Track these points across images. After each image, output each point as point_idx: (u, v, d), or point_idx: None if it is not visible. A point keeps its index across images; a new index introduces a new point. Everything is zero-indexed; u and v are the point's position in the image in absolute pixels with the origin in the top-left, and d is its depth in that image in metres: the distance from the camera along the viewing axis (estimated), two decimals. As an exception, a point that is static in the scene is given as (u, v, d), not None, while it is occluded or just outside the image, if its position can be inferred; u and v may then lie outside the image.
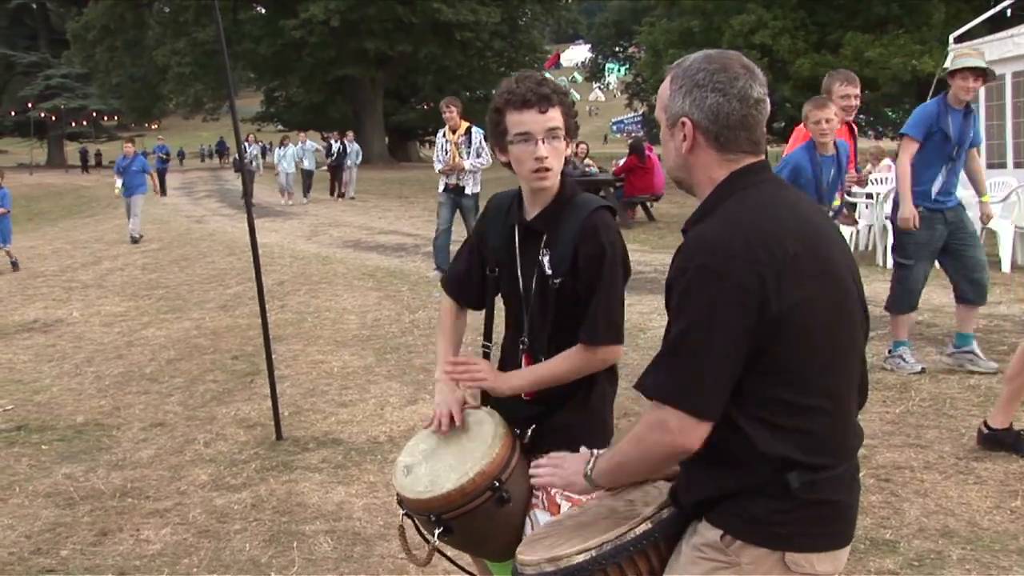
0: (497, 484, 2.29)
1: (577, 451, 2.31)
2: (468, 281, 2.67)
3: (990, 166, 13.57)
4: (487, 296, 2.66)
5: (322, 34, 39.97)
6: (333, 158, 25.38)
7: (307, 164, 24.83)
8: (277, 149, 24.83)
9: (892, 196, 6.67)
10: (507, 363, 2.61)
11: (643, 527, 1.86)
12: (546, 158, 2.37)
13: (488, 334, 2.72)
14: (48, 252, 16.06)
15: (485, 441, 2.37)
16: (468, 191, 10.56)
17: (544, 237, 2.45)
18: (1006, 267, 10.16)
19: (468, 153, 10.41)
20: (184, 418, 6.02)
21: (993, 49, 13.49)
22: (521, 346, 2.52)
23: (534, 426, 2.47)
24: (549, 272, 2.43)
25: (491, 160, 10.06)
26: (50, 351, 8.06)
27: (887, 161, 16.18)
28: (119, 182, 16.84)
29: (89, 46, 46.47)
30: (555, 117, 2.38)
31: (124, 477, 4.97)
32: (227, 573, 3.84)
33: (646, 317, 7.99)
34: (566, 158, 2.49)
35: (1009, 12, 15.86)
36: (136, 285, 11.60)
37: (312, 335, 8.19)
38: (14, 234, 14.36)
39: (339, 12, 38.68)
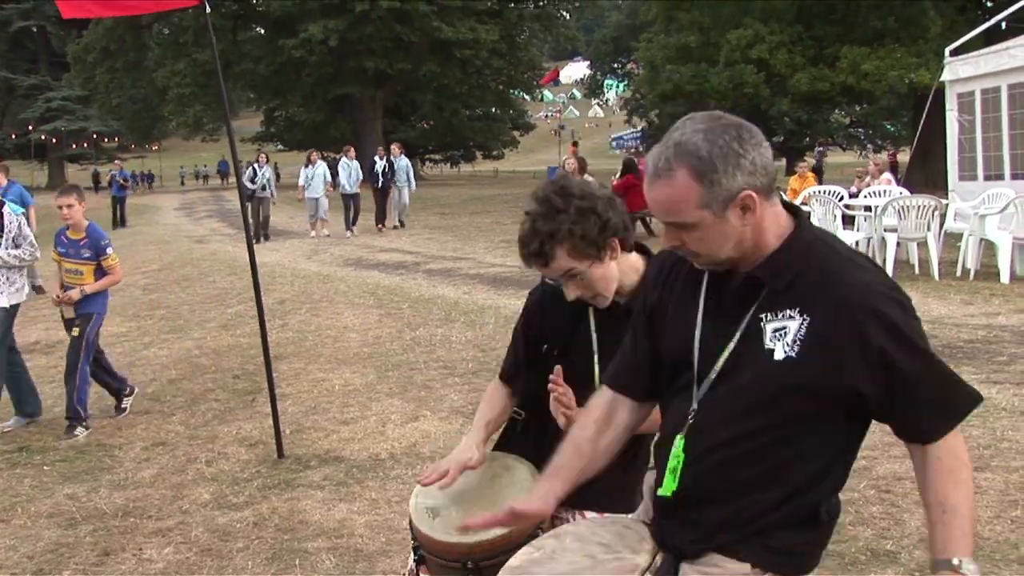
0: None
1: (608, 511, 2.22)
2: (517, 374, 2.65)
3: (987, 178, 13.61)
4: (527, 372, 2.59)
5: (321, 53, 40.15)
6: (381, 180, 20.21)
7: (350, 187, 19.58)
8: (303, 169, 20.00)
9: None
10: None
11: None
12: (578, 296, 2.32)
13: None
14: (49, 274, 16.02)
15: (523, 487, 2.26)
16: (3, 302, 6.37)
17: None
18: (1005, 278, 10.18)
19: (2, 241, 6.38)
20: (186, 437, 6.03)
21: (989, 62, 13.56)
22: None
23: None
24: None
25: (37, 254, 6.59)
26: (52, 372, 8.07)
27: (887, 175, 16.24)
28: None
29: (89, 68, 46.71)
30: (560, 264, 2.24)
31: (126, 497, 4.98)
32: (230, 591, 3.85)
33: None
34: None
35: (1004, 25, 15.93)
36: (137, 305, 11.63)
37: (313, 353, 8.21)
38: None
39: (338, 31, 38.84)
